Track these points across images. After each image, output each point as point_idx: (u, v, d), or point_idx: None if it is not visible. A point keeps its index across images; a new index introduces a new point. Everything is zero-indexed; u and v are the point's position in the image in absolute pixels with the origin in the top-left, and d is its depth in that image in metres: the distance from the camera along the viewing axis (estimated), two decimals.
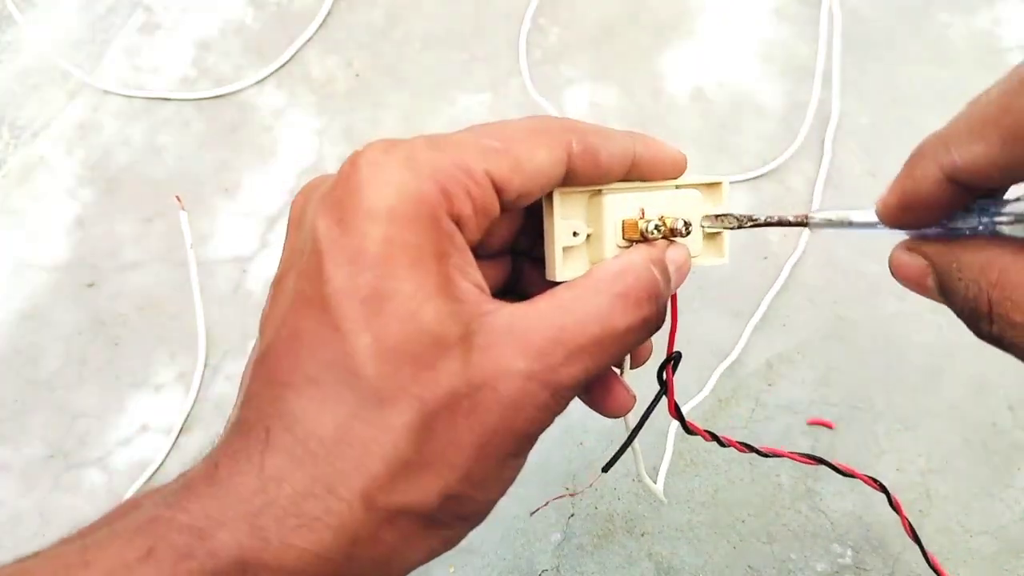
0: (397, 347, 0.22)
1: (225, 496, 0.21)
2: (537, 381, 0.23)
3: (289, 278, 0.24)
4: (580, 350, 0.24)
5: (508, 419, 0.23)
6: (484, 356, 0.23)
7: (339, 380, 0.22)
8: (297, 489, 0.21)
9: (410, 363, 0.22)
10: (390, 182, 0.23)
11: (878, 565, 0.46)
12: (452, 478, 0.22)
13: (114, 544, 0.20)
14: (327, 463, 0.21)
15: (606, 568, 0.47)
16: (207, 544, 0.20)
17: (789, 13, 0.65)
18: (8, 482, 0.52)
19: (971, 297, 0.22)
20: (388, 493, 0.22)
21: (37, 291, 0.58)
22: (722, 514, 0.48)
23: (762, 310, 0.54)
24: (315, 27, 0.67)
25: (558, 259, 0.28)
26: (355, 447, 0.21)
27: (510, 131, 0.25)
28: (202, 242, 0.59)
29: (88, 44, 0.68)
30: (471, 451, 0.23)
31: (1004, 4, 0.64)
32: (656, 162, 0.28)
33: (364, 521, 0.21)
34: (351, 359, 0.22)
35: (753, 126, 0.61)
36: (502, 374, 0.23)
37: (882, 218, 0.25)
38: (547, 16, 0.66)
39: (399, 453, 0.22)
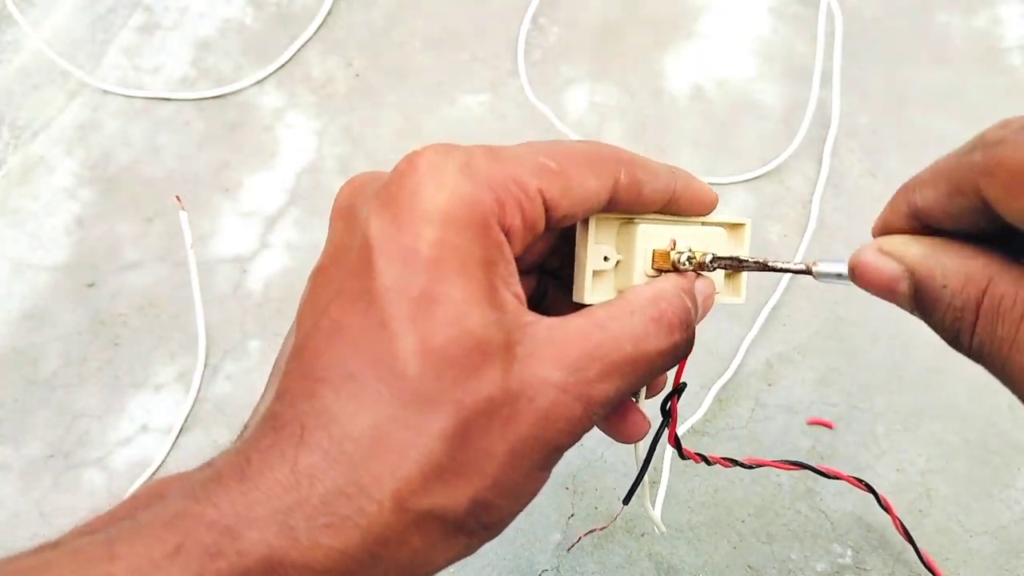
0: (442, 350, 0.22)
1: (256, 492, 0.21)
2: (572, 394, 0.23)
3: (333, 271, 0.24)
4: (614, 368, 0.24)
5: (541, 429, 0.23)
6: (523, 366, 0.23)
7: (379, 378, 0.22)
8: (329, 488, 0.21)
9: (453, 367, 0.22)
10: (447, 185, 0.23)
11: (878, 565, 0.46)
12: (482, 485, 0.22)
13: (141, 539, 0.20)
14: (362, 463, 0.21)
15: (606, 568, 0.47)
16: (236, 543, 0.20)
17: (789, 13, 0.65)
18: (8, 482, 0.52)
19: (957, 307, 0.22)
20: (420, 497, 0.22)
21: (37, 291, 0.58)
22: (722, 514, 0.48)
23: (762, 311, 0.54)
24: (315, 27, 0.67)
25: (588, 282, 0.28)
26: (391, 449, 0.21)
27: (565, 153, 0.26)
28: (202, 242, 0.59)
29: (88, 44, 0.68)
30: (503, 460, 0.23)
31: (1004, 4, 0.64)
32: (692, 200, 0.29)
33: (393, 523, 0.21)
34: (394, 358, 0.22)
35: (753, 126, 0.61)
36: (539, 384, 0.23)
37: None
38: (547, 16, 0.66)
39: (434, 457, 0.22)
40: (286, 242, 0.59)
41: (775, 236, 0.57)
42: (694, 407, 0.51)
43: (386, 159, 0.61)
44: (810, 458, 0.49)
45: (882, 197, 0.57)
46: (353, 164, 0.61)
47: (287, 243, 0.59)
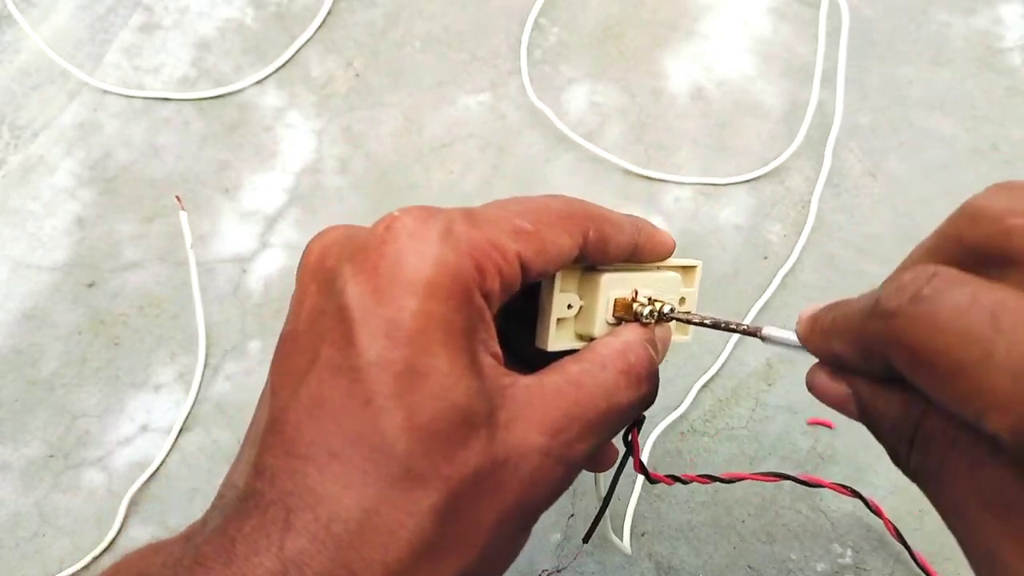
0: (429, 425, 0.22)
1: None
2: (554, 457, 0.23)
3: (308, 338, 0.24)
4: (591, 425, 0.24)
5: (526, 495, 0.23)
6: (507, 433, 0.23)
7: (366, 457, 0.21)
8: (319, 573, 0.20)
9: (440, 442, 0.22)
10: (429, 254, 0.23)
11: (878, 565, 0.46)
12: (470, 558, 0.22)
13: None
14: (351, 547, 0.21)
15: (606, 568, 0.47)
16: None
17: (789, 13, 0.65)
18: (8, 482, 0.52)
19: (895, 433, 0.23)
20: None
21: (37, 291, 0.58)
22: (722, 514, 0.48)
23: (765, 310, 0.54)
24: (315, 27, 0.67)
25: (552, 330, 0.29)
26: (380, 530, 0.21)
27: (538, 213, 0.26)
28: (202, 242, 0.59)
29: (88, 44, 0.68)
30: (490, 530, 0.23)
31: (1004, 4, 0.64)
32: (652, 249, 0.30)
33: None
34: (381, 435, 0.21)
35: (753, 126, 0.61)
36: (524, 451, 0.23)
37: (803, 342, 0.28)
38: (547, 16, 0.66)
39: (424, 537, 0.21)
40: (286, 242, 0.59)
41: (775, 236, 0.57)
42: (692, 414, 0.51)
43: (386, 159, 0.61)
44: (810, 458, 0.49)
45: (882, 197, 0.57)
46: (353, 164, 0.61)
47: (287, 243, 0.59)
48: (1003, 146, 0.58)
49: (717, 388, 0.52)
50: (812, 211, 0.57)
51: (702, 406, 0.52)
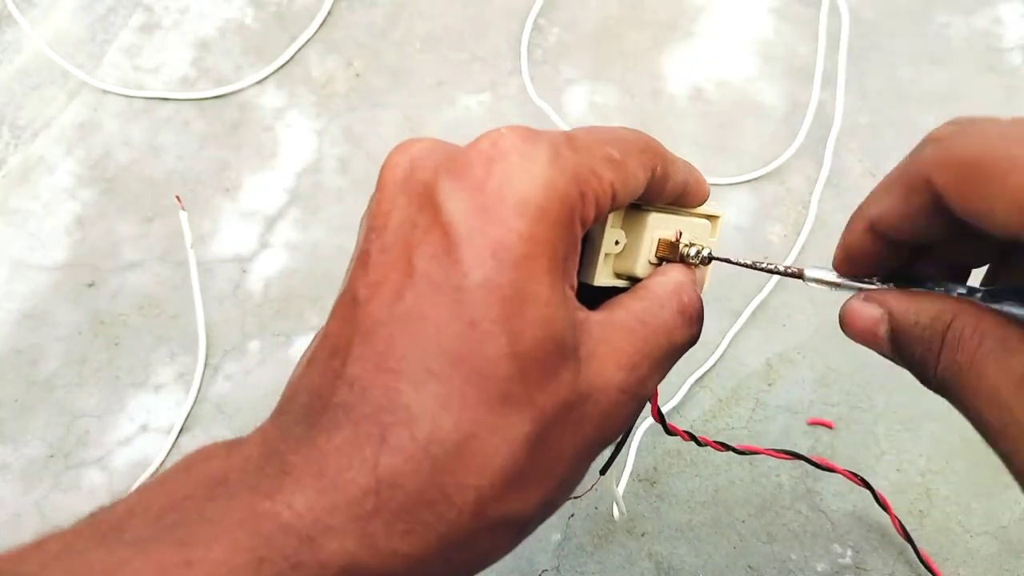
0: (530, 352, 0.21)
1: (334, 494, 0.20)
2: (630, 394, 0.24)
3: (400, 252, 0.22)
4: (658, 363, 0.25)
5: (603, 429, 0.23)
6: (588, 367, 0.23)
7: (466, 380, 0.21)
8: (411, 493, 0.20)
9: (538, 370, 0.21)
10: (539, 177, 0.22)
11: (878, 565, 0.46)
12: (551, 487, 0.23)
13: (217, 543, 0.19)
14: (446, 470, 0.21)
15: (606, 568, 0.47)
16: (318, 554, 0.19)
17: (789, 13, 0.65)
18: (8, 482, 0.52)
19: (926, 338, 0.24)
20: (499, 503, 0.21)
21: (37, 291, 0.58)
22: (722, 514, 0.48)
23: (764, 310, 0.54)
24: (315, 27, 0.67)
25: (600, 265, 0.28)
26: (477, 455, 0.21)
27: (623, 143, 0.25)
28: (202, 242, 0.59)
29: (88, 44, 0.68)
30: (570, 461, 0.23)
31: (1004, 4, 0.64)
32: (696, 193, 0.30)
33: (470, 528, 0.21)
34: (484, 359, 0.21)
35: (753, 126, 0.61)
36: (603, 386, 0.23)
37: (836, 269, 0.28)
38: (547, 16, 0.66)
39: (517, 464, 0.21)
40: (286, 242, 0.59)
41: (775, 236, 0.57)
42: (698, 408, 0.51)
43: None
44: None
45: None
46: (353, 164, 0.61)
47: (287, 243, 0.59)
48: None
49: (717, 388, 0.52)
50: (812, 211, 0.57)
51: (702, 406, 0.52)
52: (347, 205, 0.60)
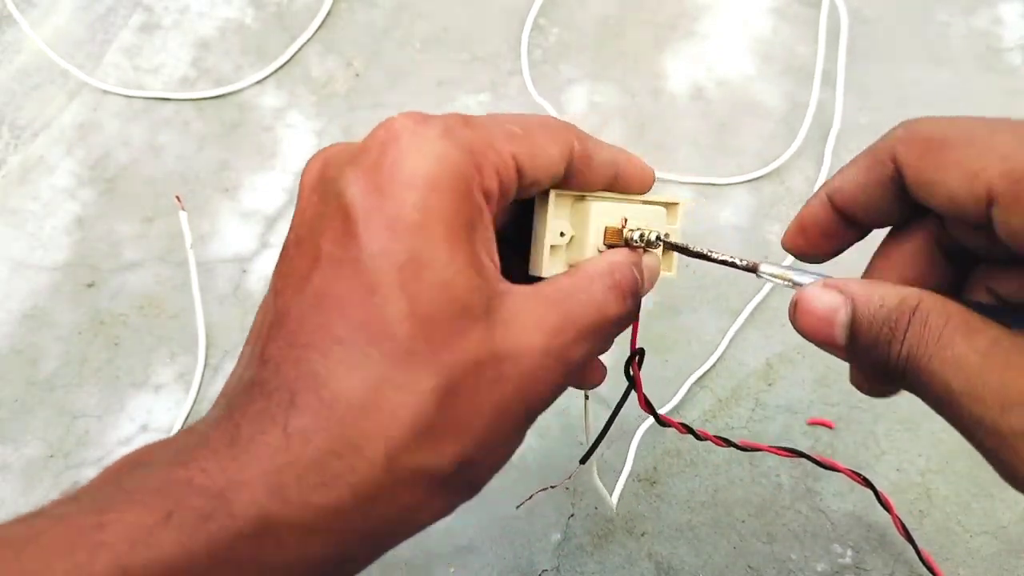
0: (430, 313, 0.22)
1: (246, 456, 0.21)
2: (553, 356, 0.25)
3: (310, 241, 0.24)
4: (584, 332, 0.26)
5: (524, 391, 0.24)
6: (507, 330, 0.24)
7: (369, 342, 0.22)
8: (321, 447, 0.21)
9: (441, 330, 0.22)
10: (429, 151, 0.23)
11: (878, 565, 0.46)
12: (469, 444, 0.23)
13: (130, 506, 0.20)
14: (353, 423, 0.22)
15: (606, 568, 0.47)
16: (228, 506, 0.20)
17: (789, 13, 0.65)
18: (8, 482, 0.52)
19: (892, 319, 0.24)
20: (410, 454, 0.22)
21: (37, 291, 0.58)
22: (722, 514, 0.48)
23: (764, 310, 0.54)
24: (315, 27, 0.67)
25: (545, 256, 0.29)
26: (382, 408, 0.22)
27: (526, 122, 0.27)
28: (202, 242, 0.59)
29: (88, 44, 0.68)
30: (489, 419, 0.24)
31: (1004, 4, 0.64)
32: (633, 176, 0.31)
33: (384, 481, 0.22)
34: (384, 321, 0.22)
35: (753, 126, 0.61)
36: (524, 349, 0.24)
37: (785, 246, 0.29)
38: (547, 16, 0.66)
39: (425, 416, 0.22)
40: None
41: (774, 236, 0.56)
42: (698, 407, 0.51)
43: None
44: None
45: None
46: None
47: None
48: None
49: (717, 388, 0.52)
50: None
51: (702, 406, 0.52)
52: None
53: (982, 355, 0.22)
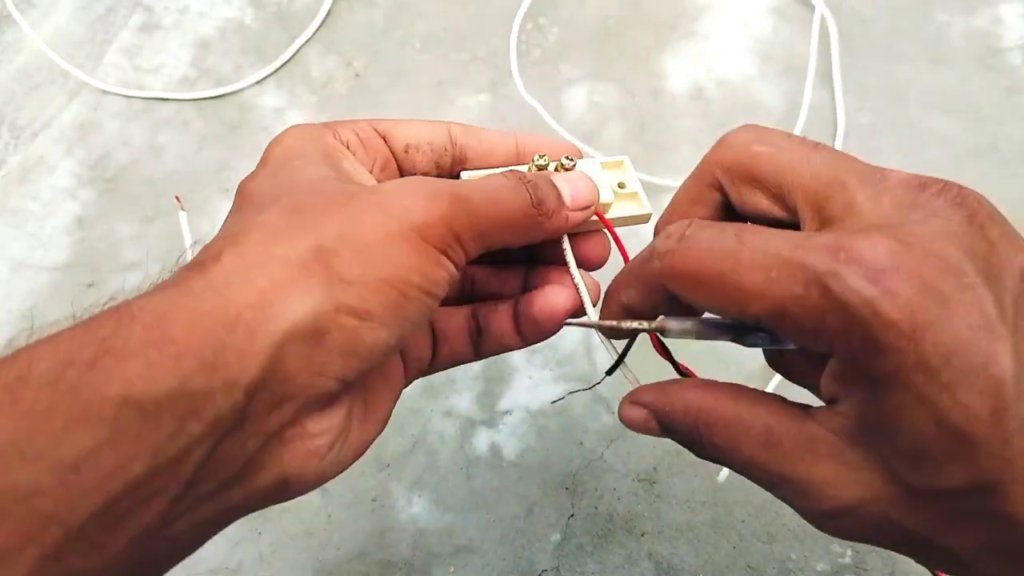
0: (302, 205, 0.27)
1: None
2: (425, 193, 0.28)
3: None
4: (462, 195, 0.29)
5: (389, 210, 0.27)
6: (376, 192, 0.28)
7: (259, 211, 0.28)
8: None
9: (309, 213, 0.27)
10: (294, 129, 0.32)
11: (878, 565, 0.46)
12: (323, 234, 0.26)
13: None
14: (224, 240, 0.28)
15: (606, 568, 0.47)
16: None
17: (789, 13, 0.65)
18: None
19: (687, 430, 0.29)
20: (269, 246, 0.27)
21: (37, 291, 0.58)
22: (722, 514, 0.48)
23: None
24: (315, 27, 0.67)
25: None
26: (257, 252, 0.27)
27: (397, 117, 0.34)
28: (202, 242, 0.59)
29: (88, 44, 0.68)
30: (344, 217, 0.27)
31: (1004, 4, 0.64)
32: (542, 144, 0.35)
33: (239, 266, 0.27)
34: (271, 223, 0.27)
35: None
36: (388, 187, 0.28)
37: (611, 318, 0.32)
38: (547, 16, 0.66)
39: (279, 224, 0.27)
40: None
41: None
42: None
43: None
44: None
45: None
46: None
47: None
48: (1003, 145, 0.58)
49: None
50: None
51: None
52: None
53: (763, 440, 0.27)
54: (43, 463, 0.20)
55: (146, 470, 0.21)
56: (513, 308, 0.34)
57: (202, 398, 0.22)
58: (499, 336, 0.34)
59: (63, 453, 0.20)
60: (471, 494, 0.48)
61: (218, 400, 0.22)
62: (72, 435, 0.20)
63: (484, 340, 0.34)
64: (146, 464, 0.21)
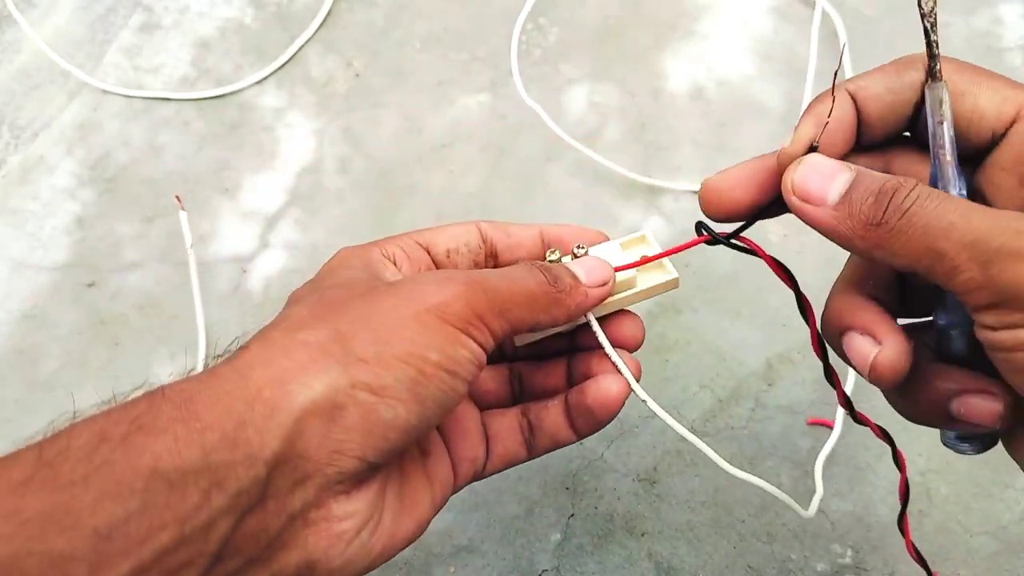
0: (326, 299, 0.29)
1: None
2: (440, 280, 0.30)
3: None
4: (480, 284, 0.30)
5: (409, 296, 0.29)
6: (399, 281, 0.30)
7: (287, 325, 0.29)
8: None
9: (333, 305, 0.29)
10: (340, 251, 0.34)
11: (878, 565, 0.46)
12: (344, 321, 0.27)
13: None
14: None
15: (606, 568, 0.47)
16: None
17: (790, 13, 0.65)
18: None
19: (891, 183, 0.26)
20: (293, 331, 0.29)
21: (37, 291, 0.58)
22: (722, 514, 0.48)
23: (764, 310, 0.54)
24: (315, 27, 0.67)
25: None
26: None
27: (433, 226, 0.36)
28: (202, 242, 0.59)
29: (88, 44, 0.68)
30: (361, 307, 0.28)
31: (1004, 4, 0.64)
32: (566, 233, 0.36)
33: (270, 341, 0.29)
34: (300, 319, 0.28)
35: (753, 126, 0.61)
36: (406, 280, 0.30)
37: (794, 145, 0.31)
38: (547, 16, 0.66)
39: (306, 317, 0.28)
40: (286, 242, 0.59)
41: (775, 237, 0.56)
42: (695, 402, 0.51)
43: (386, 159, 0.61)
44: (810, 458, 0.49)
45: None
46: (353, 164, 0.61)
47: (287, 243, 0.59)
48: None
49: (717, 388, 0.52)
50: None
51: (702, 406, 0.52)
52: (347, 205, 0.60)
53: (968, 213, 0.25)
54: (78, 531, 0.21)
55: (174, 540, 0.22)
56: (564, 403, 0.35)
57: (225, 471, 0.23)
58: (552, 432, 0.35)
59: (97, 521, 0.22)
60: (471, 494, 0.48)
61: (240, 473, 0.23)
62: (105, 505, 0.22)
63: (536, 438, 0.35)
64: (173, 534, 0.22)
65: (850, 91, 0.30)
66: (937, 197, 0.25)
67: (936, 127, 0.28)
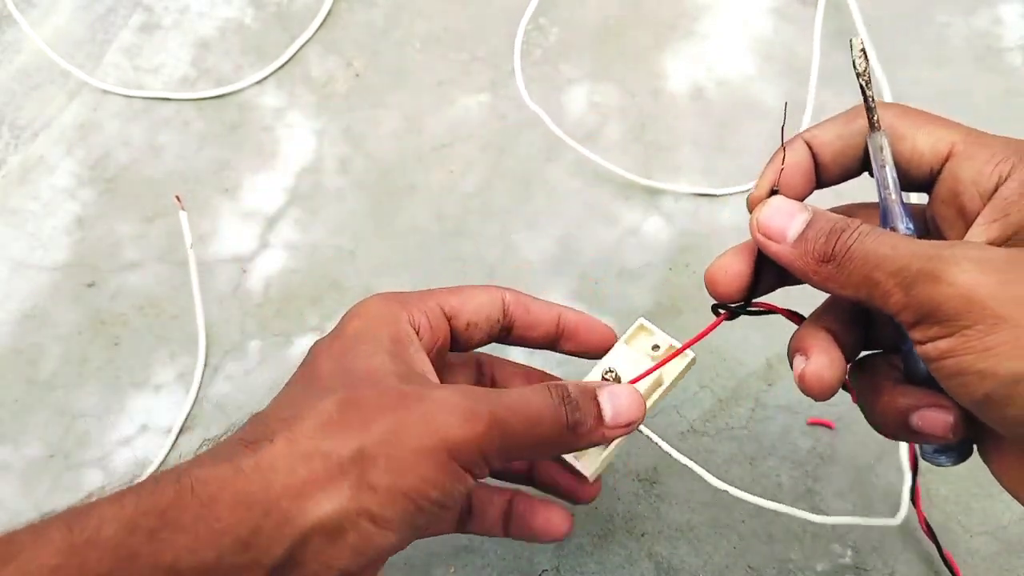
0: (356, 399, 0.30)
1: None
2: (464, 412, 0.30)
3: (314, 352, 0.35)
4: (504, 411, 0.31)
5: (435, 424, 0.30)
6: (430, 392, 0.31)
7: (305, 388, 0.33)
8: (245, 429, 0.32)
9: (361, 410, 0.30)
10: (371, 304, 0.35)
11: (878, 565, 0.46)
12: (367, 439, 0.29)
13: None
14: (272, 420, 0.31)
15: (606, 568, 0.47)
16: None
17: (790, 13, 0.65)
18: (8, 482, 0.52)
19: (840, 223, 0.30)
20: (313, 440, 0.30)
21: (37, 291, 0.58)
22: (722, 514, 0.48)
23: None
24: (315, 27, 0.67)
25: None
26: (295, 409, 0.31)
27: (460, 287, 0.37)
28: (202, 242, 0.59)
29: (88, 44, 0.68)
30: (387, 427, 0.29)
31: (1004, 4, 0.64)
32: (580, 325, 0.38)
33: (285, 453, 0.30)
34: (324, 409, 0.30)
35: (753, 126, 0.61)
36: (433, 397, 0.30)
37: (754, 198, 0.34)
38: (547, 16, 0.66)
39: (330, 416, 0.29)
40: (286, 242, 0.59)
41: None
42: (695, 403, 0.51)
43: (386, 159, 0.61)
44: (810, 458, 0.49)
45: None
46: (353, 164, 0.61)
47: (287, 243, 0.59)
48: None
49: (717, 388, 0.52)
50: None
51: (702, 406, 0.52)
52: (347, 205, 0.60)
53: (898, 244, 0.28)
54: None
55: None
56: (508, 507, 0.39)
57: (234, 572, 0.26)
58: (526, 528, 0.40)
59: None
60: None
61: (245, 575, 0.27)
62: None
63: (513, 524, 0.39)
64: None
65: (806, 139, 0.33)
66: (875, 233, 0.28)
67: (879, 171, 0.31)
